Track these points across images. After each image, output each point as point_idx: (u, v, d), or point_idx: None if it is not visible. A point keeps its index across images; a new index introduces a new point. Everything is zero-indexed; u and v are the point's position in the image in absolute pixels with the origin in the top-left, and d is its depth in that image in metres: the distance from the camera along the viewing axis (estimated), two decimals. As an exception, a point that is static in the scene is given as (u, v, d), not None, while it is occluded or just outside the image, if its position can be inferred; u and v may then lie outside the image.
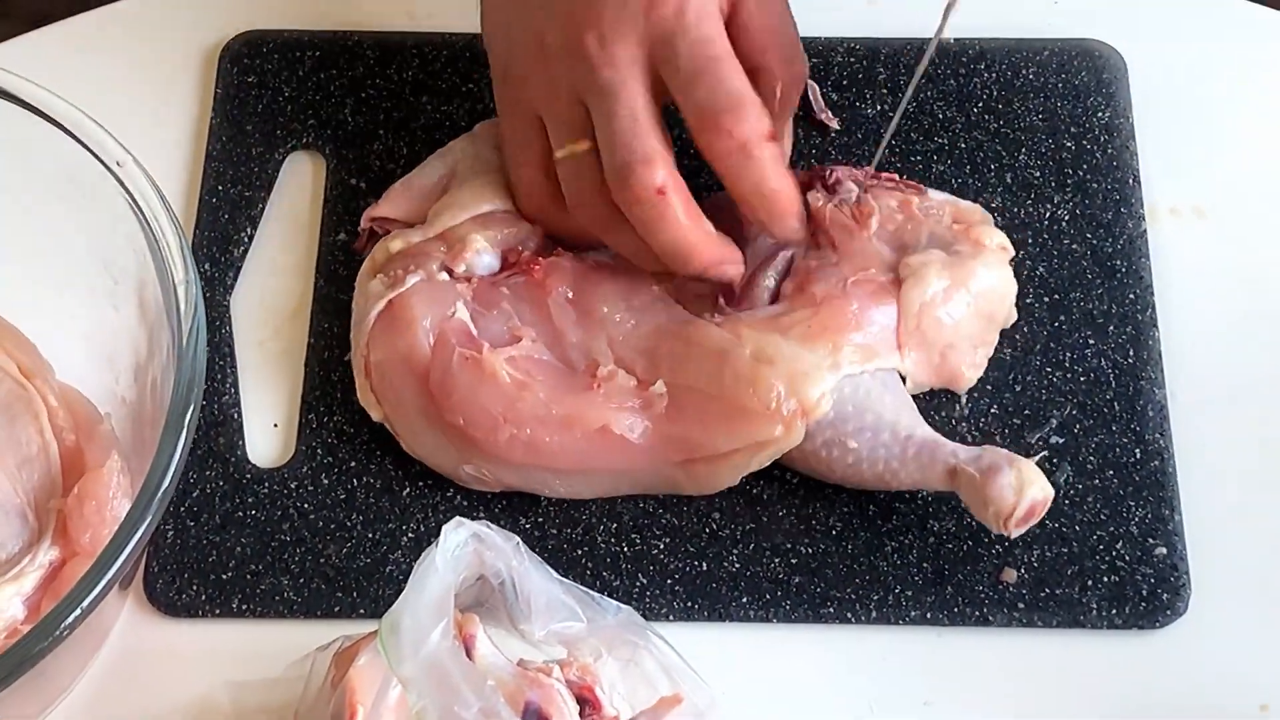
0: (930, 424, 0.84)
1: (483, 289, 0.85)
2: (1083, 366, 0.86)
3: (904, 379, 0.84)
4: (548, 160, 0.84)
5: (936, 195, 0.86)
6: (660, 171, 0.80)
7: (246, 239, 0.91)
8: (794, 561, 0.82)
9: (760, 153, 0.80)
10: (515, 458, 0.81)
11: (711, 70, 0.79)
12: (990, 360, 0.86)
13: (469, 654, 0.71)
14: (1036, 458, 0.80)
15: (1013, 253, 0.85)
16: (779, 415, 0.80)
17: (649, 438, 0.81)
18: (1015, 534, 0.79)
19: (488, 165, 0.89)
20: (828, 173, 0.86)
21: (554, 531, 0.83)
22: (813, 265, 0.84)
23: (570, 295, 0.85)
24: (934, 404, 0.85)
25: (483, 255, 0.86)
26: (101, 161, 0.78)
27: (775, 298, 0.84)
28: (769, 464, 0.83)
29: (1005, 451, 0.80)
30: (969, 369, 0.85)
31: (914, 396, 0.84)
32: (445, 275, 0.85)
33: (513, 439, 0.81)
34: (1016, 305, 0.87)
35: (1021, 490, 0.78)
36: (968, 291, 0.83)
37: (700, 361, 0.82)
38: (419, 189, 0.89)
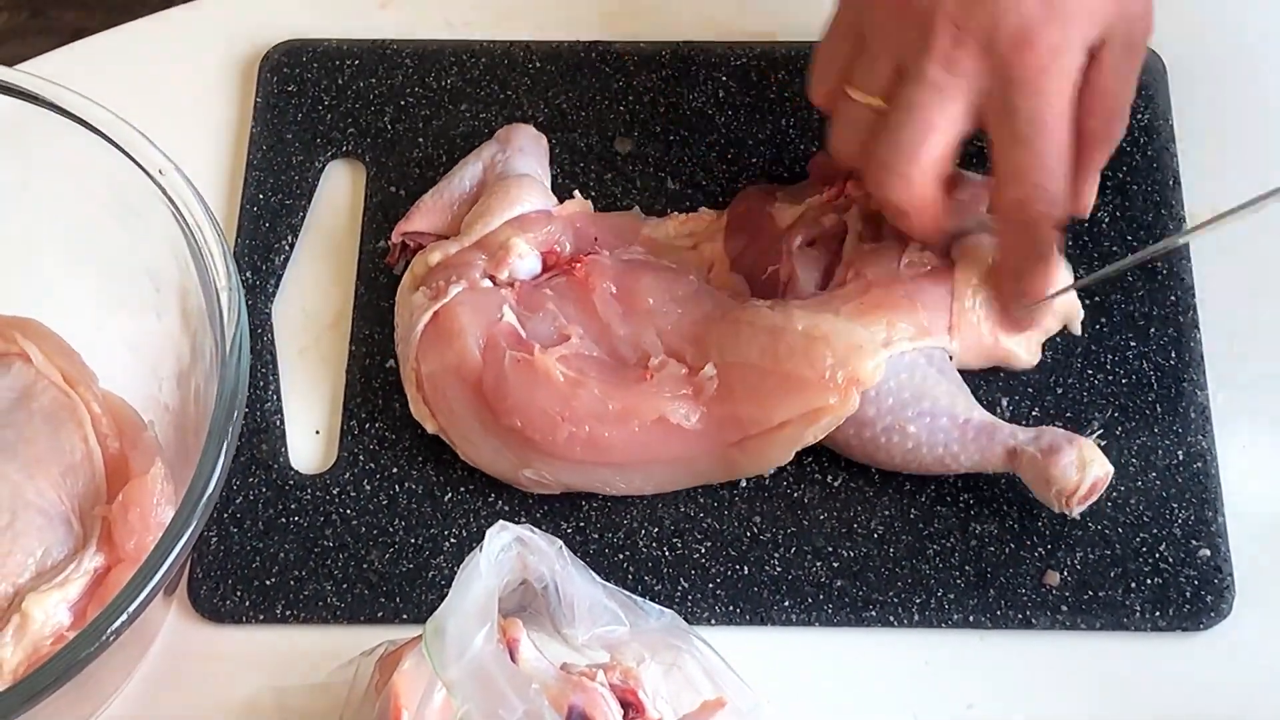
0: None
1: (526, 292, 0.85)
2: (1125, 369, 0.86)
3: (951, 358, 0.84)
4: (848, 69, 0.81)
5: (972, 177, 0.86)
6: (904, 196, 0.79)
7: (287, 247, 0.91)
8: (836, 565, 0.82)
9: (1040, 233, 0.80)
10: (575, 456, 0.81)
11: (1040, 139, 0.78)
12: (1031, 363, 0.86)
13: (513, 658, 0.71)
14: (1093, 435, 0.81)
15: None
16: (833, 383, 0.80)
17: (704, 422, 0.82)
18: (1076, 512, 0.80)
19: (516, 168, 0.89)
20: None
21: (595, 536, 0.83)
22: (864, 250, 0.85)
23: (614, 290, 0.85)
24: (975, 407, 0.85)
25: (525, 259, 0.86)
26: (144, 169, 0.79)
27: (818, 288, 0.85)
28: (819, 466, 0.83)
29: (1062, 431, 0.81)
30: (1025, 351, 0.85)
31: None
32: (488, 282, 0.85)
33: (572, 437, 0.81)
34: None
35: (1084, 468, 0.79)
36: None
37: (751, 340, 0.82)
38: (448, 200, 0.90)
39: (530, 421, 0.81)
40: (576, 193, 0.89)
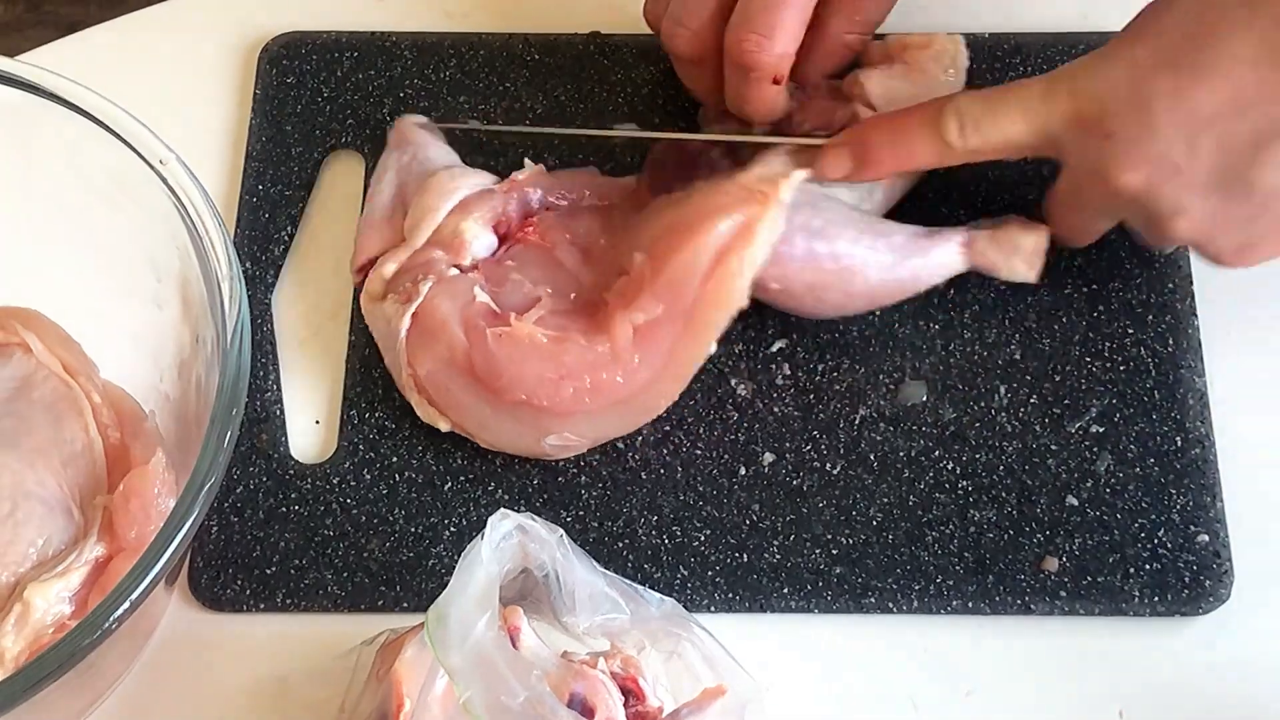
0: (970, 414, 0.85)
1: (489, 269, 0.85)
2: (1122, 355, 0.86)
3: None
4: None
5: None
6: (773, 49, 0.83)
7: (287, 238, 0.92)
8: (834, 552, 0.83)
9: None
10: (584, 407, 0.81)
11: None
12: (1029, 349, 0.87)
13: (514, 646, 0.71)
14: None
15: None
16: (747, 197, 0.82)
17: (661, 300, 0.81)
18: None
19: (431, 161, 0.89)
20: None
21: (595, 524, 0.84)
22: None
23: (569, 238, 0.86)
24: (973, 394, 0.85)
25: (479, 238, 0.86)
26: (145, 160, 0.79)
27: None
28: (817, 455, 0.83)
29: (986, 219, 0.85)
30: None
31: (954, 396, 0.85)
32: (454, 271, 0.85)
33: (577, 391, 0.81)
34: (1057, 295, 0.88)
35: (1033, 227, 0.84)
36: None
37: (665, 211, 0.83)
38: (380, 217, 0.89)
39: (533, 390, 0.81)
40: (527, 161, 0.90)
